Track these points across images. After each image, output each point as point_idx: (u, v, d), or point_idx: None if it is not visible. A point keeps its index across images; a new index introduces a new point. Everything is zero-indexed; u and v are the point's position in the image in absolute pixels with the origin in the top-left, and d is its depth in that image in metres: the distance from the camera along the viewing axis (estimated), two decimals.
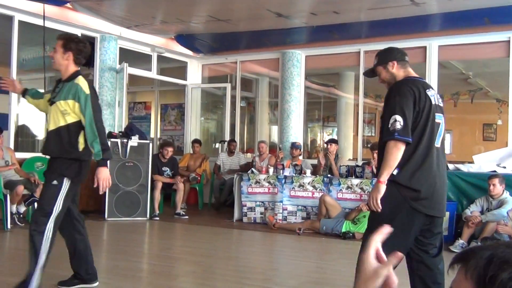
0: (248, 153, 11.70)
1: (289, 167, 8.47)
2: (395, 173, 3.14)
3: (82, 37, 5.26)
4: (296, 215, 7.98)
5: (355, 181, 7.72)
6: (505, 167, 7.42)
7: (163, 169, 8.97)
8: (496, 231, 6.15)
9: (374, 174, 7.82)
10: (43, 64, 8.34)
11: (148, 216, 8.28)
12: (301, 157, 9.33)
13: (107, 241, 7.07)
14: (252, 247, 6.97)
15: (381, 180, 3.14)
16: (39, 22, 8.10)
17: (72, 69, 3.93)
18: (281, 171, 8.29)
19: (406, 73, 3.36)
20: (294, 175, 8.19)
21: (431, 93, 3.25)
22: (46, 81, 8.41)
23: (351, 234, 6.97)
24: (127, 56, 9.74)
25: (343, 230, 7.08)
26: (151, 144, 8.55)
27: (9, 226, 6.88)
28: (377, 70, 3.44)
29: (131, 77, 10.02)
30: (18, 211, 7.25)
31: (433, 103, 3.23)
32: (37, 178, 7.21)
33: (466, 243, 6.36)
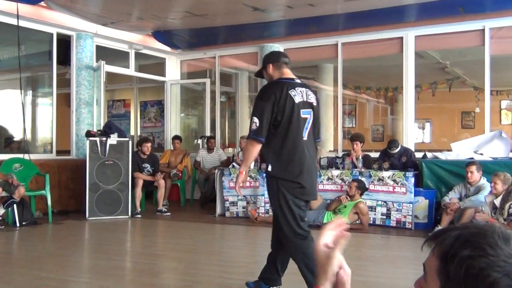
0: (230, 148, 11.69)
1: None
2: (269, 169, 3.61)
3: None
4: None
5: (335, 172, 7.77)
6: (482, 154, 7.52)
7: (143, 165, 8.92)
8: (474, 218, 6.23)
9: (355, 165, 7.90)
10: (18, 64, 8.26)
11: (130, 214, 8.23)
12: None
13: (89, 241, 7.03)
14: (235, 241, 6.98)
15: (241, 170, 3.73)
16: (13, 21, 8.00)
17: None
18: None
19: (280, 74, 3.75)
20: None
21: (295, 92, 3.62)
22: (22, 81, 8.32)
23: None
24: (104, 53, 9.64)
25: (325, 221, 7.12)
26: (130, 142, 8.49)
27: None
28: (262, 72, 3.88)
29: (109, 75, 9.94)
30: None
31: (297, 101, 3.60)
32: (15, 180, 7.13)
33: None
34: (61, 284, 4.48)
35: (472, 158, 7.24)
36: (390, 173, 7.35)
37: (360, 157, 7.86)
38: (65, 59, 9.28)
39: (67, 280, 4.64)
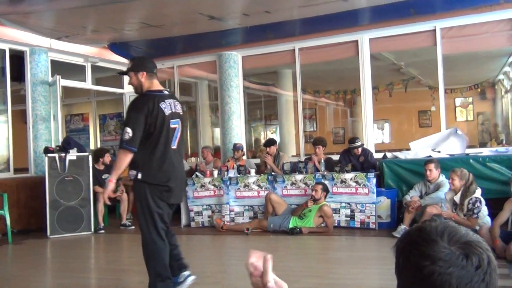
0: (193, 157, 11.63)
1: (233, 168, 8.48)
2: (139, 176, 3.82)
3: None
4: (244, 216, 8.01)
5: (298, 176, 7.82)
6: (439, 152, 7.71)
7: (103, 177, 8.75)
8: (435, 215, 6.35)
9: (317, 168, 7.97)
10: None
11: (93, 229, 8.08)
12: (245, 157, 9.35)
13: (51, 259, 6.86)
14: (201, 251, 6.93)
15: (111, 179, 3.90)
16: None
17: None
18: (226, 172, 8.29)
19: (150, 85, 3.93)
20: (239, 175, 8.21)
21: (165, 105, 3.85)
22: None
23: (298, 229, 7.05)
24: (59, 68, 9.45)
25: (290, 226, 7.16)
26: (90, 156, 8.35)
27: None
28: (130, 74, 3.96)
29: (65, 89, 9.75)
30: None
31: (167, 113, 3.84)
32: None
33: (408, 228, 6.54)
34: None
35: (430, 156, 7.41)
36: (352, 174, 7.44)
37: (322, 161, 7.95)
38: (19, 75, 9.06)
39: None
